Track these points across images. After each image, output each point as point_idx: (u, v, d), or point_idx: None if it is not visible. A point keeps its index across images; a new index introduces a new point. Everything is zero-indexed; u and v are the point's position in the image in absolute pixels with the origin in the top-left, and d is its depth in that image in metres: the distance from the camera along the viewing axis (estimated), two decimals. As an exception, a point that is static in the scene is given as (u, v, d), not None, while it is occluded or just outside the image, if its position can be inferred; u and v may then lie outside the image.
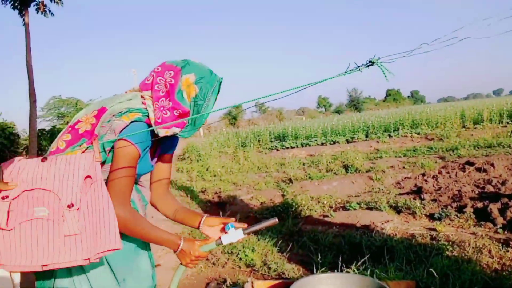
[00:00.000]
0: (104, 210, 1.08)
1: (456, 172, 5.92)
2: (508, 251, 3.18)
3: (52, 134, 11.31)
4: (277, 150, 13.06)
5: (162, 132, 1.38)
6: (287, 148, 13.11)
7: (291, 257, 3.60)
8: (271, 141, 14.78)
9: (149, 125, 1.38)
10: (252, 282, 2.75)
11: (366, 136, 13.57)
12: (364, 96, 64.40)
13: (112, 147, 1.35)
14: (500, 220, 3.85)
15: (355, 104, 58.23)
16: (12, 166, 1.07)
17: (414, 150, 9.41)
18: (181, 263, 1.49)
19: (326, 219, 4.66)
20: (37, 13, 10.42)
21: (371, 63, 1.08)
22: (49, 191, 1.04)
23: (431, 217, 4.33)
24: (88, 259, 1.05)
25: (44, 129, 11.78)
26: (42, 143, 10.66)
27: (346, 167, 7.98)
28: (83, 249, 1.04)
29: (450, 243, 3.41)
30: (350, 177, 7.08)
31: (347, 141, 13.25)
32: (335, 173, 7.69)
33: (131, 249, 1.54)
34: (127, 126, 1.33)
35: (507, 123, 12.67)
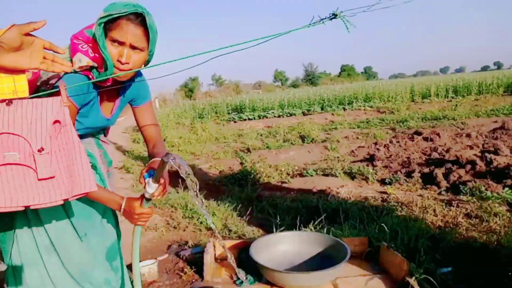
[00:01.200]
0: (76, 154, 1.07)
1: (406, 141, 6.25)
2: (450, 210, 3.45)
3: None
4: (235, 122, 13.07)
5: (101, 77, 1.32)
6: (245, 120, 13.15)
7: (251, 220, 3.69)
8: (229, 113, 14.74)
9: (88, 77, 1.34)
10: (213, 243, 2.82)
11: (322, 109, 13.88)
12: (319, 71, 65.35)
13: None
14: (444, 184, 4.15)
15: (310, 78, 58.96)
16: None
17: (367, 122, 9.78)
18: (134, 225, 1.49)
19: (284, 185, 4.80)
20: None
21: (334, 16, 1.11)
22: (18, 135, 1.01)
23: (382, 182, 4.58)
24: (67, 199, 1.05)
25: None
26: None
27: (302, 138, 8.17)
28: (60, 191, 1.03)
29: (399, 204, 3.65)
30: (307, 147, 7.27)
31: (303, 114, 13.48)
32: (292, 143, 7.85)
33: (93, 205, 1.54)
34: (61, 77, 1.30)
35: (452, 97, 13.48)
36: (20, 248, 1.41)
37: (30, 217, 1.40)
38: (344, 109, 13.29)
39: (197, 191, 1.45)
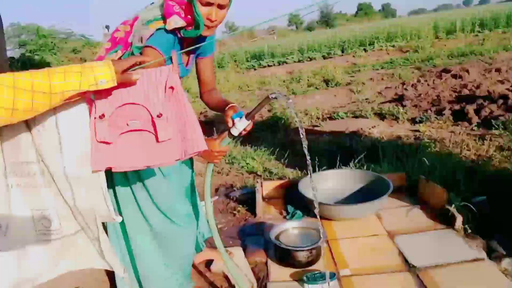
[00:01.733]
0: (188, 116, 1.20)
1: (434, 80, 6.22)
2: (483, 144, 3.55)
3: (23, 62, 10.79)
4: (255, 69, 13.02)
5: (187, 35, 1.46)
6: (265, 66, 13.08)
7: (289, 163, 3.88)
8: (248, 61, 14.63)
9: (174, 32, 1.47)
10: (261, 183, 3.03)
11: (342, 52, 13.61)
12: (335, 11, 62.87)
13: (141, 53, 1.45)
14: (475, 119, 4.22)
15: (326, 20, 56.89)
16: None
17: (391, 62, 9.64)
18: (208, 162, 1.65)
19: (316, 128, 4.94)
20: None
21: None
22: (138, 104, 1.17)
23: (413, 121, 4.66)
24: (180, 158, 1.21)
25: (13, 57, 11.20)
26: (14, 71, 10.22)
27: (326, 82, 8.18)
28: (176, 151, 1.20)
29: (432, 140, 3.77)
30: (332, 91, 7.31)
31: (324, 57, 13.28)
32: (316, 87, 7.88)
33: None
34: (153, 34, 1.42)
35: (479, 32, 12.93)
36: (115, 187, 1.63)
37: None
38: (365, 50, 13.00)
39: (302, 128, 1.58)
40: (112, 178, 1.63)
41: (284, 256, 2.06)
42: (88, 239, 1.26)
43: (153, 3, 1.59)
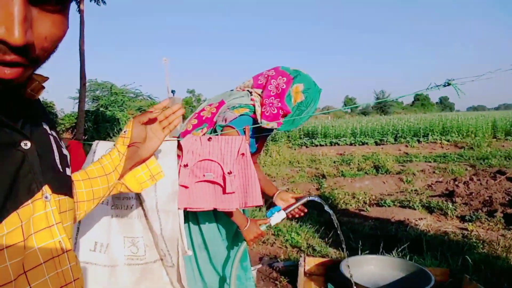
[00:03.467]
0: (251, 176, 1.51)
1: (487, 180, 6.16)
2: (535, 252, 3.48)
3: (96, 115, 11.98)
4: (307, 147, 13.41)
5: (263, 124, 1.80)
6: (317, 145, 13.45)
7: (332, 242, 3.98)
8: (300, 138, 15.12)
9: (254, 119, 1.80)
10: (304, 258, 3.17)
11: (395, 140, 13.75)
12: (391, 99, 63.61)
13: (222, 131, 1.78)
14: (528, 226, 4.14)
15: (382, 106, 57.67)
16: (187, 142, 1.51)
17: (444, 157, 9.61)
18: (244, 240, 1.83)
19: (361, 213, 5.03)
20: (90, 1, 11.08)
21: (448, 84, 1.46)
22: (215, 161, 1.49)
23: (462, 218, 4.63)
24: (240, 207, 1.50)
25: (88, 111, 12.46)
26: (86, 124, 11.32)
27: (377, 168, 8.29)
28: (237, 202, 1.48)
29: (481, 241, 3.74)
30: (381, 178, 7.39)
31: (376, 143, 13.47)
32: (366, 172, 8.00)
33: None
34: (236, 117, 1.76)
35: (540, 136, 12.65)
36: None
37: (191, 220, 1.88)
38: (419, 141, 13.05)
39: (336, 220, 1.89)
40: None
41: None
42: (163, 267, 1.51)
43: (232, 90, 1.96)
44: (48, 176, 0.67)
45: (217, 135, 1.61)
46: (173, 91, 20.28)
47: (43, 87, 0.68)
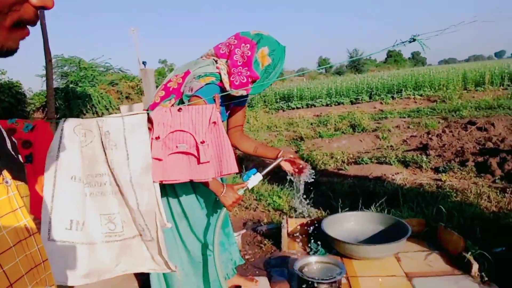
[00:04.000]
0: (224, 144, 1.50)
1: (459, 131, 6.35)
2: (504, 197, 3.66)
3: (67, 92, 11.59)
4: (283, 110, 13.43)
5: (233, 93, 1.77)
6: (293, 108, 13.49)
7: (313, 203, 4.06)
8: (277, 102, 15.11)
9: (221, 87, 1.77)
10: (287, 220, 3.23)
11: (370, 98, 13.91)
12: (365, 57, 63.80)
13: (189, 101, 1.75)
14: (498, 172, 4.32)
15: (356, 65, 57.82)
16: (157, 114, 1.48)
17: (417, 111, 9.81)
18: (224, 206, 1.84)
19: (340, 172, 5.13)
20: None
21: (413, 39, 1.46)
22: (187, 132, 1.46)
23: (436, 170, 4.80)
24: (215, 177, 1.50)
25: (58, 88, 12.03)
26: (57, 101, 10.96)
27: (353, 127, 8.41)
28: (212, 171, 1.48)
29: (454, 190, 3.89)
30: (358, 136, 7.51)
31: (351, 102, 13.61)
32: (343, 132, 8.11)
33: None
34: (202, 87, 1.73)
35: (508, 85, 13.01)
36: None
37: (168, 192, 1.87)
38: (393, 97, 13.25)
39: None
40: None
41: (307, 287, 2.24)
42: (143, 242, 1.52)
43: (199, 58, 1.92)
44: (5, 162, 0.67)
45: (185, 105, 1.58)
46: (144, 62, 19.72)
47: None
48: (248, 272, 2.57)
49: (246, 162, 6.45)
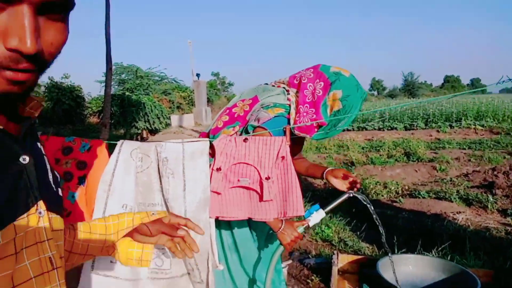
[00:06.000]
0: (292, 183, 1.35)
1: (529, 170, 5.81)
2: None
3: (122, 100, 12.00)
4: (333, 131, 13.13)
5: (296, 133, 1.63)
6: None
7: (364, 236, 3.82)
8: (327, 122, 14.82)
9: (288, 120, 1.63)
10: (337, 255, 3.02)
11: (426, 125, 13.28)
12: (420, 81, 61.84)
13: (254, 131, 1.63)
14: None
15: (410, 89, 56.05)
16: (221, 143, 1.36)
17: (479, 143, 9.18)
18: (280, 243, 1.66)
19: (394, 204, 4.82)
20: (116, -16, 10.99)
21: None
22: (251, 165, 1.33)
23: (503, 212, 4.36)
24: (277, 218, 1.35)
25: (114, 95, 12.51)
26: (112, 108, 11.37)
27: (408, 155, 7.99)
28: (274, 211, 1.33)
29: (527, 238, 3.49)
30: (413, 165, 7.10)
31: (405, 128, 13.05)
32: (396, 160, 7.72)
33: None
34: (270, 119, 1.60)
35: None
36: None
37: (221, 222, 1.75)
38: (451, 126, 12.54)
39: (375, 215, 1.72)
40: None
41: None
42: (191, 283, 1.39)
43: (267, 84, 1.80)
44: (43, 193, 0.67)
45: (251, 135, 1.46)
46: (198, 74, 20.23)
47: (42, 105, 0.71)
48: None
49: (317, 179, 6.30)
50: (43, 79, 18.79)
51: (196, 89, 18.89)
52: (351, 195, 1.70)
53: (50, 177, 0.74)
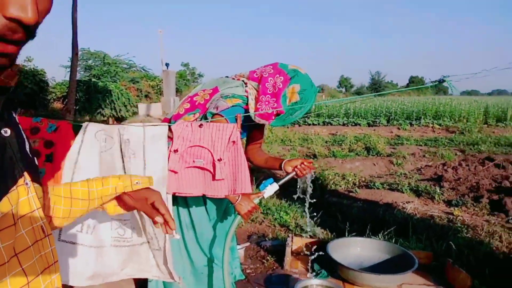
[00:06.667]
0: (241, 164, 1.51)
1: (476, 166, 6.24)
2: (517, 238, 3.57)
3: (88, 86, 11.79)
4: (300, 125, 13.41)
5: (256, 120, 1.79)
6: (309, 124, 13.46)
7: (321, 223, 4.04)
8: (293, 116, 15.08)
9: (246, 110, 1.78)
10: (292, 237, 3.21)
11: (388, 122, 13.82)
12: (386, 80, 63.61)
13: (212, 118, 1.77)
14: (512, 213, 4.22)
15: (376, 87, 57.57)
16: (178, 127, 1.50)
17: (435, 141, 9.69)
18: (238, 214, 1.81)
19: (351, 194, 5.09)
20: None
21: (443, 81, 1.46)
22: (205, 148, 1.48)
23: (448, 203, 4.71)
24: (228, 195, 1.50)
25: (80, 81, 12.25)
26: (78, 94, 11.16)
27: (368, 149, 8.34)
28: (226, 189, 1.49)
29: (466, 226, 3.81)
30: (372, 159, 7.45)
31: (369, 125, 13.53)
32: (357, 153, 8.05)
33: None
34: (228, 108, 1.75)
35: (531, 124, 12.79)
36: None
37: (179, 201, 1.88)
38: (411, 124, 13.14)
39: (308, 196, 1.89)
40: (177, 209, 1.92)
41: (305, 310, 2.21)
42: (150, 250, 1.52)
43: (227, 76, 1.94)
44: (25, 164, 0.69)
45: (207, 121, 1.60)
46: (167, 64, 20.01)
47: (17, 74, 0.67)
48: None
49: (256, 173, 6.46)
50: (4, 61, 17.97)
51: (165, 78, 18.69)
52: (298, 171, 1.88)
53: (27, 147, 0.76)
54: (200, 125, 1.49)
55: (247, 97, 1.77)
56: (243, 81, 1.84)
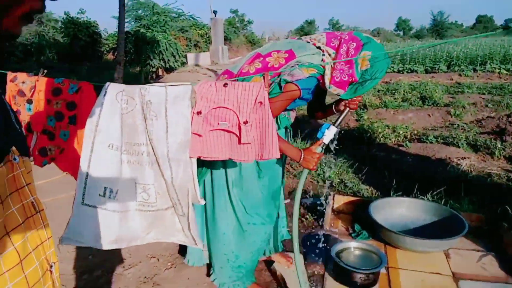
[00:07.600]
0: (268, 127, 1.40)
1: (546, 117, 5.65)
2: None
3: (137, 38, 11.88)
4: (351, 73, 12.85)
5: (331, 89, 1.69)
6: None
7: (366, 179, 3.89)
8: (345, 64, 14.42)
9: (319, 80, 1.70)
10: (333, 196, 3.12)
11: (448, 68, 12.82)
12: (450, 21, 58.47)
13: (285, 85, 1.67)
14: None
15: (438, 30, 53.22)
16: (202, 88, 1.40)
17: (501, 88, 8.87)
18: (304, 168, 1.83)
19: (401, 148, 4.83)
20: None
21: (508, 27, 1.22)
22: (230, 109, 1.38)
23: (510, 160, 4.34)
24: (255, 159, 1.43)
25: (130, 32, 12.36)
26: (127, 45, 11.29)
27: (423, 99, 7.83)
28: (252, 154, 1.40)
29: (527, 186, 3.50)
30: (427, 110, 6.98)
31: (426, 71, 12.65)
32: (411, 103, 7.59)
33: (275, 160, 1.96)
34: (305, 78, 1.66)
35: None
36: (213, 178, 1.93)
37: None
38: (475, 70, 12.07)
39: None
40: (212, 171, 1.90)
41: (342, 274, 2.16)
42: (176, 215, 1.50)
43: (300, 38, 1.81)
44: (12, 138, 0.67)
45: (231, 81, 1.49)
46: (215, 11, 19.63)
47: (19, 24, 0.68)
48: (285, 247, 2.53)
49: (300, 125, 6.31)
50: (60, 14, 18.52)
51: (213, 27, 18.41)
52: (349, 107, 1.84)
53: (13, 117, 0.73)
54: (225, 85, 1.39)
55: (324, 67, 1.69)
56: (319, 47, 1.73)
